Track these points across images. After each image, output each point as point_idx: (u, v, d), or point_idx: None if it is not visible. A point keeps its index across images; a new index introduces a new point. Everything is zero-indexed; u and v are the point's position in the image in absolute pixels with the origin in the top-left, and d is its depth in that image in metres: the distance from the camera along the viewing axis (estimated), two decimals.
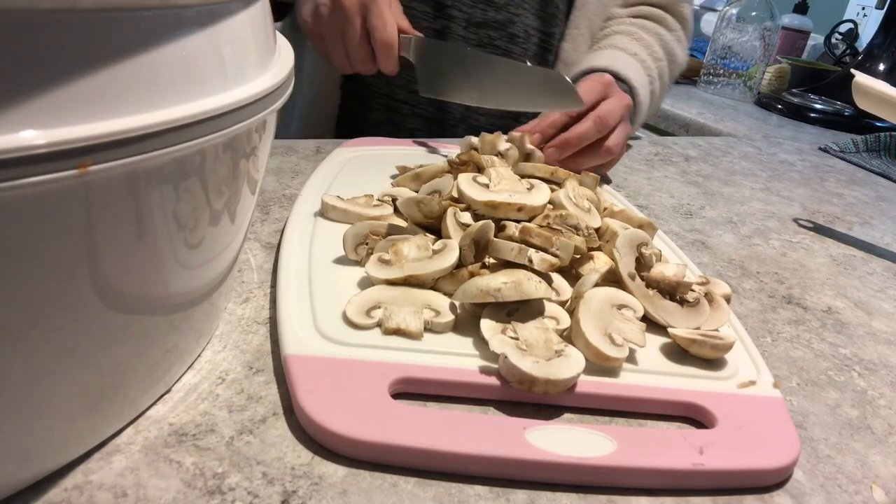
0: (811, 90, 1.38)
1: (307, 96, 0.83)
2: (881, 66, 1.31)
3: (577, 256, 0.43)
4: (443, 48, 0.66)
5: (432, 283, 0.40)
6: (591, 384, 0.34)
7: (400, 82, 0.82)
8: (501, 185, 0.46)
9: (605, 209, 0.51)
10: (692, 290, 0.40)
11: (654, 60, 0.79)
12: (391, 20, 0.64)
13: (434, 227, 0.45)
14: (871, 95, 0.61)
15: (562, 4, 0.85)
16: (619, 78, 0.72)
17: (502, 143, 0.59)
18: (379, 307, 0.37)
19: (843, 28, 1.78)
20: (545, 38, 0.85)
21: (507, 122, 0.86)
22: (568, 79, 0.60)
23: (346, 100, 0.83)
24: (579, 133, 0.61)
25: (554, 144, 0.61)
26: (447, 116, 0.84)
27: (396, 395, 0.32)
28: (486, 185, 0.46)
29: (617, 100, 0.64)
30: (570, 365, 0.33)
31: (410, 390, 0.33)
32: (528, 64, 0.64)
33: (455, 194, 0.46)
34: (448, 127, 0.84)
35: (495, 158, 0.54)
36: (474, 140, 0.61)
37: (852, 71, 0.64)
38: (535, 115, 0.84)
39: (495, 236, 0.41)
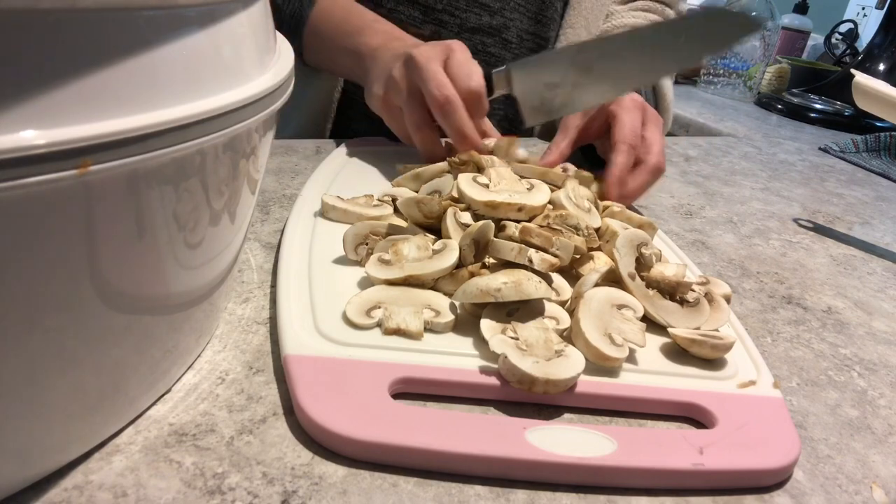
0: (811, 90, 1.39)
1: (303, 102, 0.81)
2: (881, 66, 1.31)
3: (577, 257, 0.43)
4: (538, 62, 0.57)
5: (432, 283, 0.40)
6: (591, 384, 0.34)
7: None
8: (501, 185, 0.46)
9: (605, 209, 0.51)
10: (692, 290, 0.40)
11: None
12: (476, 70, 0.55)
13: (434, 227, 0.45)
14: (871, 95, 0.61)
15: (558, 4, 0.84)
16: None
17: (518, 150, 0.56)
18: (379, 307, 0.37)
19: (843, 28, 1.78)
20: (541, 41, 0.84)
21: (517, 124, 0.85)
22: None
23: (359, 109, 0.82)
24: (640, 185, 0.56)
25: (615, 200, 0.55)
26: None
27: (396, 396, 0.32)
28: (486, 185, 0.46)
29: (656, 128, 0.60)
30: (570, 365, 0.33)
31: (410, 390, 0.33)
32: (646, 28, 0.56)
33: (455, 194, 0.46)
34: None
35: (495, 158, 0.53)
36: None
37: (852, 71, 0.64)
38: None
39: (495, 236, 0.41)
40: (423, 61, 0.55)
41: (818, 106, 1.29)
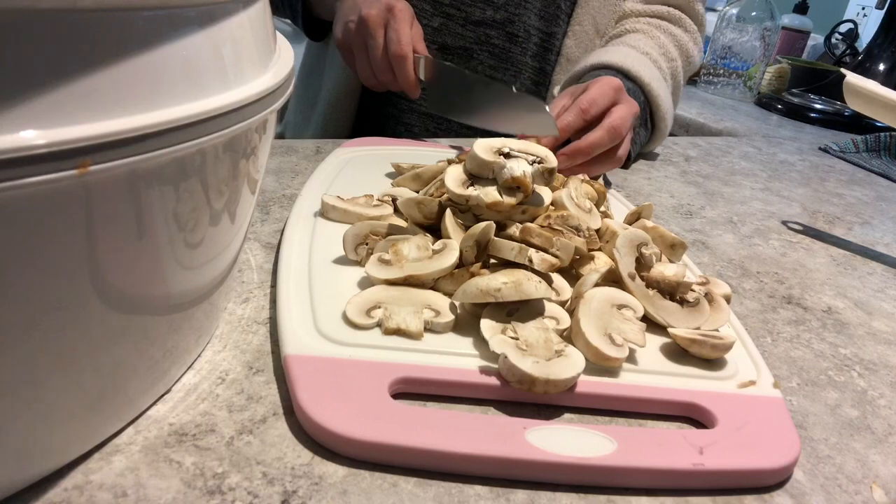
0: (811, 90, 1.39)
1: (329, 97, 0.85)
2: (881, 66, 1.31)
3: (577, 257, 0.43)
4: (448, 71, 0.68)
5: (432, 283, 0.40)
6: (591, 384, 0.34)
7: None
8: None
9: (637, 220, 0.49)
10: (692, 290, 0.40)
11: (668, 60, 0.79)
12: (406, 36, 0.66)
13: (434, 227, 0.45)
14: (862, 95, 0.61)
15: (563, 3, 0.85)
16: (629, 76, 0.72)
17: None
18: (379, 307, 0.37)
19: (843, 28, 1.78)
20: (546, 37, 0.86)
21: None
22: (547, 108, 0.60)
23: (366, 99, 0.85)
24: (592, 142, 0.61)
25: (565, 152, 0.60)
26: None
27: (396, 395, 0.32)
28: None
29: (627, 107, 0.64)
30: (570, 365, 0.33)
31: (410, 390, 0.33)
32: (515, 90, 0.63)
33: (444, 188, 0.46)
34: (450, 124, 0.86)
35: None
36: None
37: (843, 71, 0.63)
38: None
39: (496, 235, 0.41)
40: (372, 26, 0.66)
41: (818, 106, 1.29)
